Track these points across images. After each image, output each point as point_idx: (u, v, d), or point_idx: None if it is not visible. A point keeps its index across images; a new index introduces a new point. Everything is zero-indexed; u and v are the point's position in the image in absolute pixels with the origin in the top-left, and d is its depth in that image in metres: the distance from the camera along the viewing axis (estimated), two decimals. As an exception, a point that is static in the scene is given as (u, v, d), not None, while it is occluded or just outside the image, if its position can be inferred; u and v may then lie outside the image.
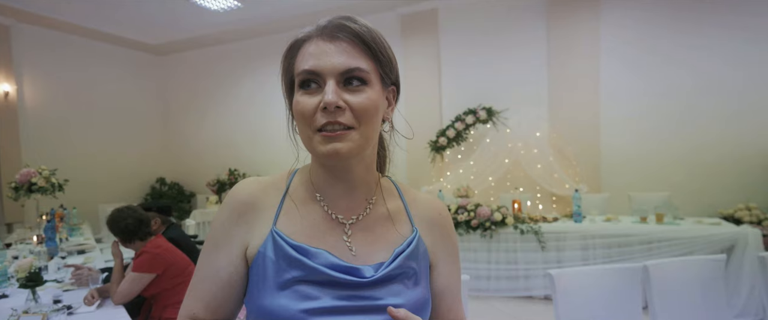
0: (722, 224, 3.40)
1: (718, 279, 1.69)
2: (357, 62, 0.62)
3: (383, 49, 0.66)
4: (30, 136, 5.66)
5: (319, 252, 0.65)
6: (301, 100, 0.63)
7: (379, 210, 0.72)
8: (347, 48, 0.63)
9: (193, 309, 0.68)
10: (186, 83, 7.50)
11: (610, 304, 1.60)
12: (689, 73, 4.46)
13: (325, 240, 0.67)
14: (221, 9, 5.74)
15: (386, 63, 0.66)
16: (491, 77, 5.33)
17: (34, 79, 5.78)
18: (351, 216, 0.70)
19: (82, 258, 3.17)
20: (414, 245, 0.70)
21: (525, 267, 3.65)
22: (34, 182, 3.41)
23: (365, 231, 0.70)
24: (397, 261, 0.67)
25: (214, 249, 0.69)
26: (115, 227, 2.16)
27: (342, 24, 0.63)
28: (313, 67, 0.62)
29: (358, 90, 0.62)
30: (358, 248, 0.68)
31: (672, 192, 4.34)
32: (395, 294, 0.65)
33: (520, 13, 5.19)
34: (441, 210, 0.78)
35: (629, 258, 3.33)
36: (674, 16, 4.50)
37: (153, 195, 7.16)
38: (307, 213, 0.69)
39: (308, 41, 0.65)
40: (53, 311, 1.92)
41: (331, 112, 0.60)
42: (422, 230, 0.74)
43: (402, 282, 0.67)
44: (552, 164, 4.76)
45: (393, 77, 0.69)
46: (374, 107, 0.64)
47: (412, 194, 0.79)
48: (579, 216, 3.73)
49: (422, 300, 0.68)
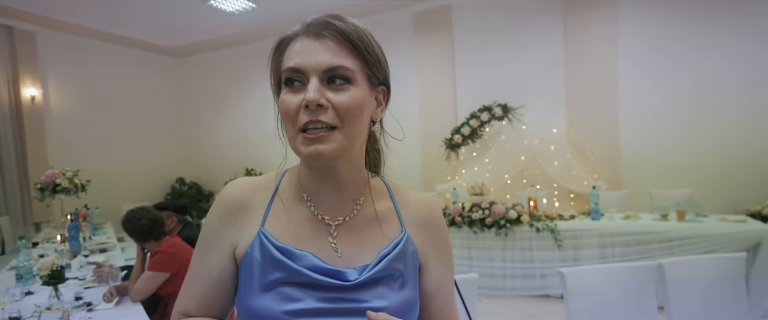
0: (748, 221, 3.27)
1: (738, 278, 1.63)
2: (341, 60, 0.61)
3: (370, 47, 0.64)
4: (55, 138, 5.85)
5: (304, 255, 0.64)
6: (285, 98, 0.62)
7: (366, 211, 0.71)
8: (332, 46, 0.62)
9: (185, 307, 0.69)
10: (204, 84, 7.64)
11: (623, 303, 1.56)
12: (712, 68, 4.31)
13: (311, 241, 0.67)
14: (236, 11, 5.82)
15: (373, 62, 0.65)
16: (506, 74, 5.26)
17: (58, 83, 5.98)
18: (338, 217, 0.70)
19: (103, 256, 3.26)
20: (401, 247, 0.69)
21: (541, 265, 3.59)
22: (58, 183, 3.52)
23: (352, 233, 0.69)
24: (381, 263, 0.66)
25: (206, 248, 0.70)
26: (130, 227, 2.22)
27: (328, 22, 0.63)
28: (297, 65, 0.61)
29: (341, 89, 0.61)
30: (343, 249, 0.68)
31: (695, 188, 4.21)
32: (380, 297, 0.65)
33: (535, 8, 5.10)
34: (433, 210, 0.77)
35: (649, 256, 3.25)
36: (698, 7, 4.35)
37: (173, 194, 7.32)
38: (294, 213, 0.69)
39: (295, 39, 0.64)
40: (74, 308, 1.99)
41: (313, 110, 0.59)
42: (412, 230, 0.73)
43: (387, 285, 0.66)
44: (569, 161, 4.67)
45: (381, 77, 0.68)
46: (358, 106, 0.62)
47: (403, 194, 0.77)
48: (597, 214, 3.65)
49: (408, 303, 0.67)
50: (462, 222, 3.82)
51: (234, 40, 6.94)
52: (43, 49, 5.74)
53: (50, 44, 5.83)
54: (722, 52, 4.28)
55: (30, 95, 5.55)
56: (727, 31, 4.25)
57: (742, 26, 4.17)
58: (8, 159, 5.37)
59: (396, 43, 5.78)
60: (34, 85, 5.61)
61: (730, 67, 4.26)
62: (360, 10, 5.71)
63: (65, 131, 5.98)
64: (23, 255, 2.53)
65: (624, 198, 4.36)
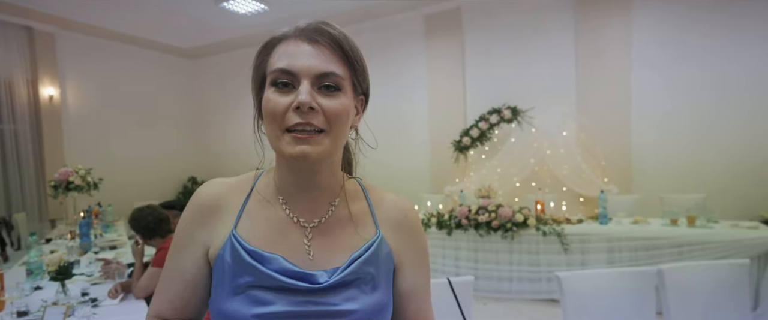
0: (761, 227, 3.19)
1: (741, 286, 1.59)
2: (333, 67, 0.62)
3: (359, 57, 0.66)
4: (72, 137, 6.00)
5: (274, 258, 0.64)
6: (272, 98, 0.62)
7: (341, 213, 0.72)
8: (325, 52, 0.63)
9: (159, 309, 0.70)
10: (217, 85, 7.75)
11: (621, 309, 1.54)
12: (725, 71, 4.22)
13: (284, 243, 0.67)
14: (248, 12, 5.89)
15: (360, 72, 0.67)
16: (516, 76, 5.22)
17: (76, 82, 6.12)
18: (313, 219, 0.70)
19: (113, 253, 3.33)
20: (374, 249, 0.69)
21: (547, 269, 3.55)
22: (71, 181, 3.62)
23: (325, 235, 0.69)
24: (352, 266, 0.66)
25: (179, 250, 0.70)
26: (136, 225, 2.27)
27: (322, 28, 0.64)
28: (289, 66, 0.62)
29: (331, 94, 0.63)
30: (316, 252, 0.68)
31: (709, 193, 4.11)
32: (350, 300, 0.64)
33: (546, 11, 5.05)
34: (408, 212, 0.76)
35: (657, 262, 3.18)
36: (712, 10, 4.26)
37: (185, 193, 7.43)
38: (268, 215, 0.69)
39: (285, 40, 0.65)
40: (79, 303, 2.03)
41: (305, 112, 0.60)
42: (387, 232, 0.73)
43: (358, 287, 0.66)
44: (580, 164, 4.61)
45: (364, 87, 0.70)
46: (346, 113, 0.64)
47: (378, 195, 0.77)
48: (604, 218, 3.60)
49: (380, 305, 0.67)
50: (468, 224, 3.80)
51: (247, 41, 7.02)
52: (62, 49, 5.89)
53: (68, 45, 5.98)
54: (733, 56, 4.18)
55: (48, 95, 5.70)
56: (738, 35, 4.16)
57: (754, 30, 4.07)
58: (26, 157, 5.52)
59: (406, 45, 5.78)
60: (53, 85, 5.76)
61: (741, 71, 4.16)
62: (371, 12, 5.73)
63: (81, 130, 6.13)
64: (34, 251, 2.61)
65: (634, 202, 4.28)
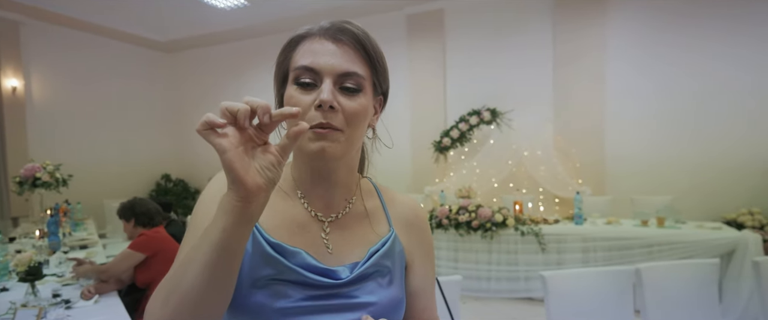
0: (723, 228, 3.36)
1: (711, 284, 1.68)
2: (355, 67, 0.63)
3: (381, 58, 0.68)
4: (37, 130, 5.73)
5: (297, 252, 0.65)
6: (294, 94, 0.63)
7: (357, 210, 0.73)
8: (348, 51, 0.64)
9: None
10: (194, 80, 7.56)
11: (602, 307, 1.59)
12: (696, 77, 4.42)
13: (303, 236, 0.68)
14: (229, 7, 5.78)
15: (381, 72, 0.68)
16: (496, 78, 5.32)
17: (42, 74, 5.86)
18: (330, 214, 0.71)
19: (84, 252, 3.20)
20: (389, 244, 0.71)
21: (525, 268, 3.63)
22: (39, 177, 3.46)
23: (343, 230, 0.71)
24: (372, 259, 0.68)
25: (200, 230, 0.68)
26: (136, 209, 2.39)
27: (346, 27, 0.64)
28: (312, 64, 0.62)
29: (352, 94, 0.63)
30: (334, 246, 0.69)
31: (676, 195, 4.30)
32: (369, 293, 0.66)
33: (526, 14, 5.16)
34: (418, 212, 0.80)
35: (629, 261, 3.31)
36: (682, 18, 4.45)
37: (158, 191, 7.23)
38: (286, 208, 0.70)
39: (309, 38, 0.65)
40: (51, 305, 1.95)
41: (325, 111, 0.61)
42: (399, 230, 0.75)
43: (376, 280, 0.68)
44: (556, 166, 4.73)
45: (384, 87, 0.71)
46: (365, 113, 0.65)
47: (390, 194, 0.80)
48: (580, 219, 3.71)
49: (396, 300, 0.69)
50: (449, 224, 3.84)
51: (226, 36, 6.88)
52: (27, 39, 5.63)
53: (35, 34, 5.71)
54: (700, 63, 4.39)
55: (11, 86, 5.43)
56: (703, 43, 4.36)
57: (732, 32, 4.26)
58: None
59: (388, 45, 5.68)
60: (16, 76, 5.49)
61: (707, 77, 4.37)
62: (353, 11, 5.71)
63: (47, 124, 5.86)
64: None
65: (607, 203, 4.43)
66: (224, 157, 0.47)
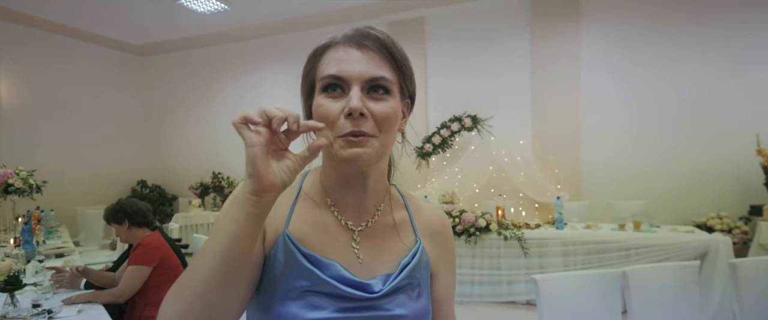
0: (696, 232, 3.52)
1: (692, 285, 1.77)
2: (382, 71, 0.63)
3: (406, 61, 0.67)
4: (6, 135, 5.49)
5: (331, 264, 0.65)
6: (324, 103, 0.62)
7: (386, 219, 0.73)
8: (374, 56, 0.64)
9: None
10: (170, 85, 7.39)
11: (591, 309, 1.66)
12: (668, 84, 4.62)
13: (335, 247, 0.68)
14: (207, 11, 5.71)
15: (408, 76, 0.68)
16: (477, 85, 5.42)
17: (12, 77, 5.63)
18: (359, 222, 0.71)
19: (61, 261, 3.09)
20: (418, 256, 0.71)
21: (508, 272, 3.71)
22: (11, 183, 3.32)
23: (372, 239, 0.71)
24: (404, 272, 0.68)
25: None
26: (130, 209, 2.28)
27: (370, 33, 0.65)
28: (339, 73, 0.62)
29: (381, 99, 0.63)
30: (365, 256, 0.69)
31: (649, 200, 4.47)
32: (400, 306, 0.67)
33: (505, 22, 5.30)
34: (443, 221, 0.80)
35: (608, 264, 3.43)
36: (655, 27, 4.66)
37: (134, 197, 7.00)
38: (316, 218, 0.69)
39: (333, 47, 0.65)
40: (33, 316, 1.88)
41: (356, 118, 0.60)
42: (425, 240, 0.75)
43: (406, 293, 0.68)
44: (535, 172, 4.86)
45: (411, 90, 0.70)
46: (395, 117, 0.64)
47: (416, 203, 0.80)
48: (560, 223, 3.81)
49: (423, 312, 0.70)
50: (433, 229, 3.87)
51: (204, 40, 6.78)
52: (-4, 40, 5.41)
53: (4, 37, 5.49)
54: (671, 70, 4.60)
55: (-22, 89, 5.21)
56: (676, 51, 4.57)
57: (706, 40, 4.47)
58: (-49, 156, 4.99)
59: (370, 51, 5.81)
60: (-17, 78, 5.27)
61: (678, 85, 4.58)
62: (333, 17, 5.73)
63: (17, 128, 5.63)
64: (-27, 260, 2.37)
65: (585, 208, 4.57)
66: (251, 150, 0.50)
